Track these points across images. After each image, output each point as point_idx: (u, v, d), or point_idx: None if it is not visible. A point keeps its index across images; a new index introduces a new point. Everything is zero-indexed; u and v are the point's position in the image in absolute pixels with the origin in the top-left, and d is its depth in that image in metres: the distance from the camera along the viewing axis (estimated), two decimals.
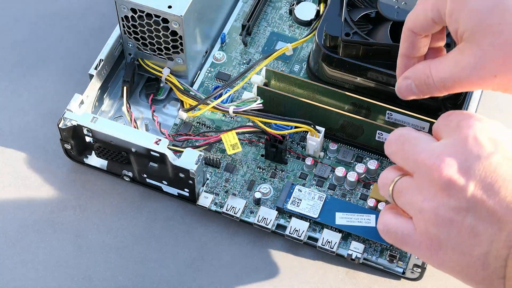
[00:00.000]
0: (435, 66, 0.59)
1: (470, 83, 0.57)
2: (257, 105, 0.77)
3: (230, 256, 0.74)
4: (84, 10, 0.91)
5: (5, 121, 0.82)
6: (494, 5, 0.54)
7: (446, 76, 0.58)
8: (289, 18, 0.87)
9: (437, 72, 0.59)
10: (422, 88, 0.61)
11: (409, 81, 0.61)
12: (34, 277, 0.73)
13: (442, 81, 0.58)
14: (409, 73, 0.62)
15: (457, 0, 0.56)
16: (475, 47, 0.56)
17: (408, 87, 0.62)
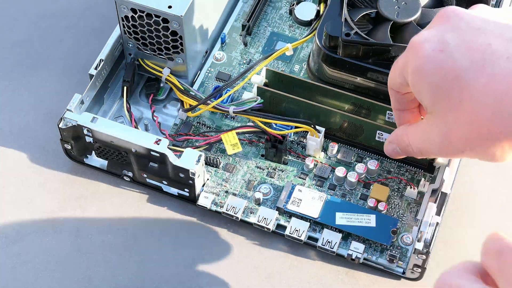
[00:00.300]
0: (412, 135, 0.59)
1: (442, 155, 0.57)
2: (257, 105, 0.77)
3: (230, 256, 0.74)
4: (84, 10, 0.91)
5: (5, 121, 0.82)
6: (452, 81, 0.53)
7: (420, 147, 0.59)
8: (289, 18, 0.87)
9: (413, 142, 0.59)
10: (407, 153, 0.61)
11: (394, 145, 0.62)
12: (34, 277, 0.73)
13: (419, 151, 0.59)
14: (391, 138, 0.62)
15: (415, 74, 0.55)
16: (441, 122, 0.55)
17: (394, 151, 0.62)
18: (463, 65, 0.52)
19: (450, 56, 0.53)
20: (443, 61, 0.53)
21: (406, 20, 0.75)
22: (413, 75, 0.55)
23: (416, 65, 0.54)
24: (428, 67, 0.54)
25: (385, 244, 0.72)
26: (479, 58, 0.52)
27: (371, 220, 0.73)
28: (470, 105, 0.52)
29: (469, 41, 0.53)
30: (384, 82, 0.76)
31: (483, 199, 0.77)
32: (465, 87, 0.52)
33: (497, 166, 0.79)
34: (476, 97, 0.52)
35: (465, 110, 0.53)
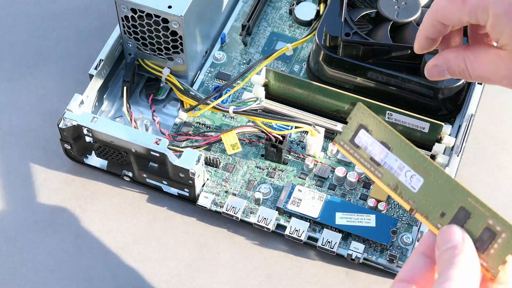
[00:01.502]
0: (471, 62, 0.59)
1: (501, 84, 0.58)
2: (257, 105, 0.77)
3: (230, 256, 0.74)
4: (84, 10, 0.91)
5: (5, 121, 0.82)
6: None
7: (483, 75, 0.59)
8: (289, 18, 0.87)
9: (473, 69, 0.59)
10: (456, 76, 0.61)
11: (442, 68, 0.61)
12: (34, 277, 0.73)
13: (479, 77, 0.59)
14: (440, 61, 0.61)
15: (500, 17, 0.56)
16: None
17: (441, 74, 0.62)
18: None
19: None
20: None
21: (406, 20, 0.75)
22: (497, 17, 0.56)
23: (502, 8, 0.55)
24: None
25: (385, 244, 0.72)
26: None
27: (371, 220, 0.73)
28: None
29: None
30: (384, 82, 0.76)
31: (483, 199, 0.77)
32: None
33: (497, 166, 0.79)
34: None
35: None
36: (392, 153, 0.56)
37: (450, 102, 0.77)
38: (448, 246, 0.52)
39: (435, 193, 0.55)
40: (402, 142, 0.56)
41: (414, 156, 0.56)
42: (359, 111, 0.57)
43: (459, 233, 0.52)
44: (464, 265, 0.50)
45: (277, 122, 0.75)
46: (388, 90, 0.76)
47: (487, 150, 0.80)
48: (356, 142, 0.57)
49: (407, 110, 0.74)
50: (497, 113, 0.83)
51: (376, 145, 0.56)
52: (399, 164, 0.56)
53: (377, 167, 0.56)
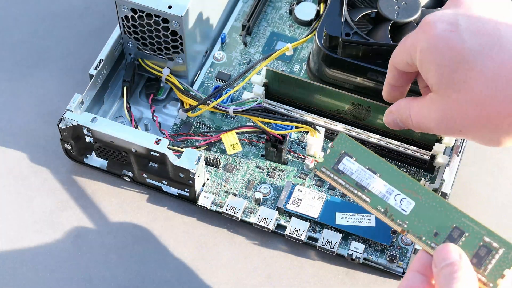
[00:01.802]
0: (414, 110, 0.61)
1: (440, 133, 0.59)
2: (257, 105, 0.77)
3: (230, 256, 0.74)
4: (84, 10, 0.91)
5: (5, 121, 0.82)
6: (460, 62, 0.55)
7: (420, 123, 0.60)
8: (289, 18, 0.87)
9: (414, 115, 0.61)
10: (406, 125, 0.62)
11: (394, 116, 0.63)
12: (34, 277, 0.73)
13: (418, 126, 0.61)
14: (393, 108, 0.63)
15: (425, 52, 0.56)
16: (442, 101, 0.57)
17: (394, 122, 0.64)
18: (472, 48, 0.54)
19: (460, 37, 0.54)
20: (453, 42, 0.55)
21: (406, 20, 0.75)
22: (422, 53, 0.56)
23: (427, 43, 0.56)
24: (438, 46, 0.55)
25: (385, 244, 0.72)
26: (487, 41, 0.54)
27: (371, 220, 0.73)
28: (474, 86, 0.54)
29: (479, 25, 0.55)
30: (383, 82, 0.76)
31: (483, 199, 0.77)
32: (471, 69, 0.54)
33: (497, 166, 0.79)
34: (480, 80, 0.54)
35: (468, 90, 0.54)
36: (380, 178, 0.58)
37: None
38: (447, 263, 0.53)
39: (427, 214, 0.57)
40: (390, 168, 0.58)
41: (403, 181, 0.57)
42: (341, 139, 0.59)
43: (456, 250, 0.54)
44: (464, 280, 0.52)
45: (277, 122, 0.75)
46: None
47: (487, 150, 0.80)
48: (339, 168, 0.58)
49: None
50: None
51: (362, 171, 0.58)
52: (387, 188, 0.57)
53: (364, 191, 0.58)
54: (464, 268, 0.52)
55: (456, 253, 0.54)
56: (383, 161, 0.58)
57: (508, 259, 0.54)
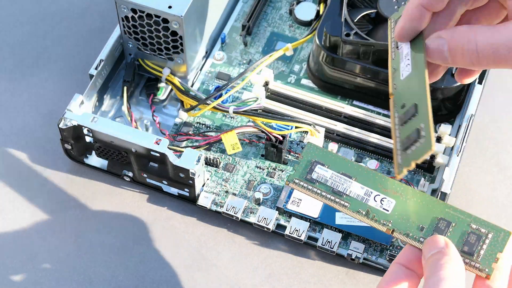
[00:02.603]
0: (483, 32, 0.50)
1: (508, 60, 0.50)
2: (257, 105, 0.77)
3: (230, 256, 0.74)
4: (84, 10, 0.91)
5: (5, 121, 0.82)
6: None
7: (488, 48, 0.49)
8: (289, 18, 0.87)
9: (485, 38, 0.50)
10: (456, 54, 0.51)
11: (443, 40, 0.52)
12: (34, 277, 0.73)
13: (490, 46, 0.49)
14: (445, 33, 0.52)
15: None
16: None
17: (439, 48, 0.52)
18: None
19: None
20: None
21: None
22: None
23: None
24: None
25: (385, 244, 0.72)
26: None
27: None
28: None
29: None
30: (384, 82, 0.76)
31: (483, 199, 0.77)
32: None
33: (497, 166, 0.79)
34: None
35: None
36: (356, 181, 0.57)
37: (450, 102, 0.77)
38: (433, 252, 0.53)
39: (410, 210, 0.56)
40: (364, 170, 0.57)
41: (380, 181, 0.57)
42: (310, 149, 0.58)
43: (441, 239, 0.54)
44: (451, 265, 0.52)
45: (277, 122, 0.75)
46: (388, 90, 0.76)
47: (487, 150, 0.80)
48: (313, 177, 0.58)
49: None
50: (497, 113, 0.83)
51: (337, 177, 0.57)
52: (365, 190, 0.57)
53: (342, 197, 0.57)
54: (450, 255, 0.52)
55: (442, 241, 0.53)
56: (356, 164, 0.57)
57: (498, 242, 0.54)
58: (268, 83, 0.79)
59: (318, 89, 0.81)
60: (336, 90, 0.80)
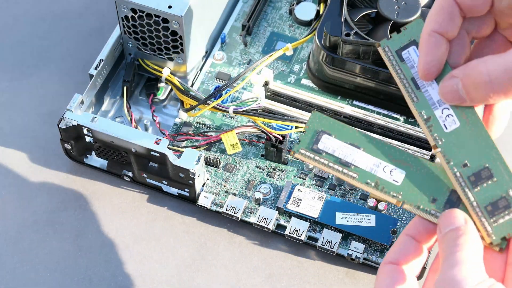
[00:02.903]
0: (493, 60, 0.49)
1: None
2: (257, 105, 0.77)
3: (230, 256, 0.74)
4: (84, 10, 0.91)
5: (5, 121, 0.82)
6: None
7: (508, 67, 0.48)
8: (289, 18, 0.87)
9: (496, 64, 0.48)
10: (470, 89, 0.50)
11: (456, 79, 0.51)
12: (34, 277, 0.73)
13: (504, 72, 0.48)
14: (457, 72, 0.51)
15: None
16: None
17: (453, 88, 0.51)
18: None
19: None
20: None
21: (406, 20, 0.75)
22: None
23: None
24: None
25: (385, 244, 0.72)
26: None
27: (371, 220, 0.73)
28: None
29: None
30: (384, 82, 0.76)
31: None
32: None
33: None
34: None
35: None
36: (364, 152, 0.55)
37: None
38: (452, 228, 0.51)
39: (421, 182, 0.54)
40: (373, 140, 0.55)
41: (389, 151, 0.54)
42: (315, 118, 0.56)
43: (461, 215, 0.52)
44: (470, 246, 0.50)
45: (277, 122, 0.75)
46: (388, 90, 0.76)
47: None
48: (319, 147, 0.55)
49: (407, 110, 0.74)
50: None
51: (344, 147, 0.55)
52: (374, 161, 0.54)
53: (350, 168, 0.54)
54: (468, 234, 0.50)
55: (462, 218, 0.51)
56: (364, 134, 0.55)
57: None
58: (268, 83, 0.79)
59: (318, 89, 0.81)
60: (336, 90, 0.80)
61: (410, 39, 0.54)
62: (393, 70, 0.53)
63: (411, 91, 0.53)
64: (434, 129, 0.53)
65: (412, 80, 0.53)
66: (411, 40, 0.54)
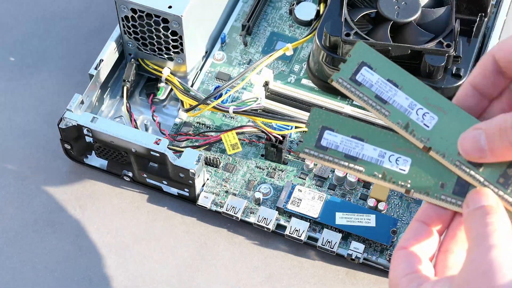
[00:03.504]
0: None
1: None
2: (257, 105, 0.77)
3: (230, 256, 0.74)
4: (84, 10, 0.91)
5: (5, 121, 0.82)
6: None
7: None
8: (289, 18, 0.87)
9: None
10: (493, 141, 0.49)
11: (480, 131, 0.49)
12: (34, 277, 0.73)
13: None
14: (481, 124, 0.50)
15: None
16: None
17: (475, 139, 0.50)
18: None
19: None
20: None
21: (406, 20, 0.75)
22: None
23: None
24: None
25: (385, 244, 0.72)
26: None
27: (371, 220, 0.73)
28: None
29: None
30: None
31: None
32: None
33: None
34: None
35: None
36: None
37: None
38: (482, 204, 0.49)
39: (427, 168, 0.53)
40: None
41: (392, 140, 0.53)
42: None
43: (491, 194, 0.50)
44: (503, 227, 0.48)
45: (277, 122, 0.75)
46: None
47: None
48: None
49: None
50: None
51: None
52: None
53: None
54: (501, 213, 0.48)
55: (492, 198, 0.49)
56: (366, 125, 0.54)
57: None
58: (268, 83, 0.79)
59: (318, 89, 0.81)
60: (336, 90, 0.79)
61: (358, 62, 0.54)
62: (355, 96, 0.53)
63: (380, 107, 0.53)
64: (417, 132, 0.52)
65: (376, 97, 0.53)
66: (359, 63, 0.54)
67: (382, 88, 0.53)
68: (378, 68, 0.53)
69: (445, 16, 0.76)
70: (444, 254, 0.52)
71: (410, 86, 0.53)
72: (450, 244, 0.51)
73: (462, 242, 0.51)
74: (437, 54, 0.74)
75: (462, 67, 0.76)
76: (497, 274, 0.45)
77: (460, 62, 0.76)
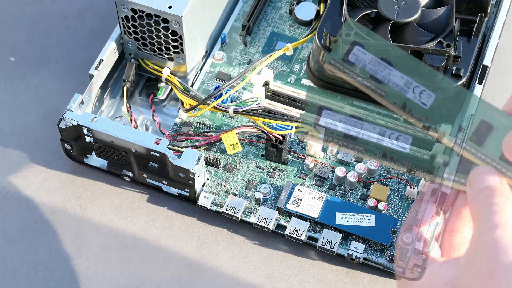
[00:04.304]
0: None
1: None
2: (257, 105, 0.77)
3: (230, 256, 0.74)
4: (84, 10, 0.91)
5: (5, 121, 0.82)
6: None
7: None
8: (289, 18, 0.87)
9: None
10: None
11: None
12: (34, 277, 0.73)
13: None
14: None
15: None
16: None
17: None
18: None
19: None
20: None
21: (406, 20, 0.75)
22: None
23: None
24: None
25: (385, 244, 0.72)
26: None
27: (371, 220, 0.73)
28: None
29: None
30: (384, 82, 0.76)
31: None
32: None
33: None
34: None
35: None
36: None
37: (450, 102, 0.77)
38: (486, 185, 0.49)
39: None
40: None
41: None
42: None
43: (495, 172, 0.49)
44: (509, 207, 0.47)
45: (277, 122, 0.75)
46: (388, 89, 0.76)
47: None
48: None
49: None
50: None
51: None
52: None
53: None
54: (506, 193, 0.48)
55: (496, 177, 0.49)
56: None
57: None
58: (268, 83, 0.79)
59: (318, 89, 0.81)
60: (336, 90, 0.80)
61: (350, 41, 0.53)
62: (348, 76, 0.52)
63: (376, 88, 0.52)
64: (415, 111, 0.51)
65: (371, 77, 0.52)
66: (351, 42, 0.53)
67: (376, 68, 0.52)
68: (371, 48, 0.52)
69: (445, 16, 0.76)
70: (450, 233, 0.51)
71: (405, 64, 0.52)
72: (456, 223, 0.50)
73: (467, 220, 0.50)
74: (437, 54, 0.74)
75: (462, 67, 0.76)
76: (503, 254, 0.45)
77: (460, 62, 0.76)
